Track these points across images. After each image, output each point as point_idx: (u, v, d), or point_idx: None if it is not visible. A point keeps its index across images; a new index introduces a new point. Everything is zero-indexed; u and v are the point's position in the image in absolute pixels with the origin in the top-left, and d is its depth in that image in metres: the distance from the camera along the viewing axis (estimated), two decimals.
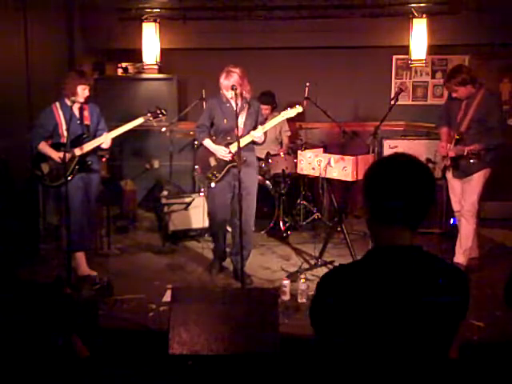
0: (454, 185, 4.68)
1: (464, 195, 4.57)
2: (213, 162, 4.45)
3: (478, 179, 4.47)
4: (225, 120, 4.38)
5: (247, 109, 4.39)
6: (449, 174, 4.69)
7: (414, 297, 1.58)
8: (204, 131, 4.49)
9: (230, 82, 4.23)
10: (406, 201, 1.62)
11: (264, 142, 4.49)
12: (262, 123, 4.47)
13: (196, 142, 5.44)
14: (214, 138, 4.48)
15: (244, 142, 4.29)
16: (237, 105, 4.28)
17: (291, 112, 4.38)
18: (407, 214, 1.64)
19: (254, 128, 4.40)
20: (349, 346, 1.60)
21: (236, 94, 4.21)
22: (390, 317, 1.56)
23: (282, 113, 4.41)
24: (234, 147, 4.31)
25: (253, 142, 4.43)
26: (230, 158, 4.36)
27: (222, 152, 4.37)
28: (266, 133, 4.46)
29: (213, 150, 4.42)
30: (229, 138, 4.38)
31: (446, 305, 1.60)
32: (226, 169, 4.40)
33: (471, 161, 4.33)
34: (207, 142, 4.45)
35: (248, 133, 4.36)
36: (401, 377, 1.58)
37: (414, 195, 1.62)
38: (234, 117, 4.22)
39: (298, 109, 4.38)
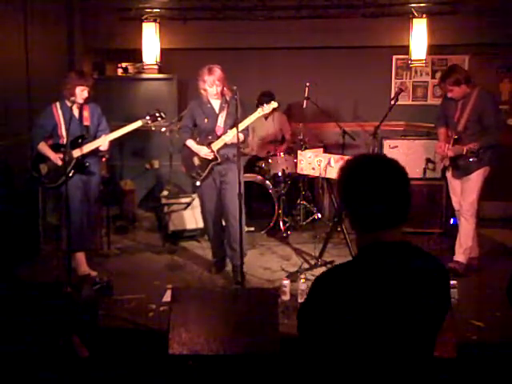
0: (454, 185, 4.68)
1: (463, 194, 4.57)
2: (197, 162, 4.55)
3: (476, 178, 4.47)
4: (205, 120, 4.49)
5: (227, 108, 4.47)
6: (448, 174, 4.69)
7: (407, 292, 1.57)
8: (187, 132, 4.60)
9: (215, 77, 4.37)
10: (386, 204, 1.59)
11: (244, 140, 4.52)
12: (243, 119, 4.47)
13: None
14: (197, 138, 4.56)
15: (224, 140, 4.41)
16: (228, 103, 4.33)
17: (267, 108, 4.46)
18: (390, 217, 1.61)
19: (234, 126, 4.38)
20: (341, 347, 1.56)
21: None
22: (387, 314, 1.55)
23: (258, 109, 4.48)
24: (215, 146, 4.44)
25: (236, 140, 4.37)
26: (213, 157, 4.45)
27: (204, 151, 4.46)
28: (247, 130, 4.53)
29: (195, 149, 4.52)
30: (210, 137, 4.47)
31: (434, 300, 1.60)
32: (209, 167, 4.49)
33: (470, 159, 4.32)
34: (190, 143, 4.55)
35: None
36: (394, 373, 1.57)
37: (393, 197, 1.59)
38: (214, 116, 4.43)
39: (274, 104, 4.51)
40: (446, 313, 1.66)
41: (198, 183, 4.58)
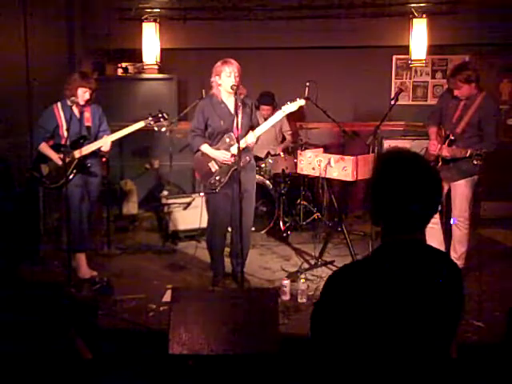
0: None
1: (454, 201, 4.42)
2: (214, 168, 4.22)
3: (468, 184, 4.36)
4: (222, 122, 4.15)
5: (242, 108, 4.13)
6: None
7: (422, 293, 1.54)
8: (200, 135, 4.22)
9: (234, 66, 4.05)
10: (424, 204, 1.57)
11: (256, 142, 4.32)
12: (256, 124, 4.30)
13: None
14: (209, 141, 4.24)
15: (246, 143, 4.14)
16: (237, 104, 4.06)
17: (292, 106, 4.18)
18: (426, 216, 1.60)
19: (251, 127, 4.24)
20: (356, 346, 1.54)
21: (236, 92, 4.00)
22: (401, 315, 1.53)
23: (283, 107, 4.20)
24: (233, 149, 4.13)
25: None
26: (233, 161, 4.12)
27: (224, 156, 4.16)
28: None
29: (213, 155, 4.18)
30: (228, 140, 4.18)
31: (448, 299, 1.59)
32: (230, 173, 4.18)
33: (474, 162, 4.05)
34: (205, 148, 4.19)
35: (246, 133, 4.18)
36: (407, 373, 1.55)
37: (429, 196, 1.58)
38: (230, 117, 4.09)
39: (300, 102, 4.17)
40: (460, 314, 1.64)
41: (217, 190, 4.19)
